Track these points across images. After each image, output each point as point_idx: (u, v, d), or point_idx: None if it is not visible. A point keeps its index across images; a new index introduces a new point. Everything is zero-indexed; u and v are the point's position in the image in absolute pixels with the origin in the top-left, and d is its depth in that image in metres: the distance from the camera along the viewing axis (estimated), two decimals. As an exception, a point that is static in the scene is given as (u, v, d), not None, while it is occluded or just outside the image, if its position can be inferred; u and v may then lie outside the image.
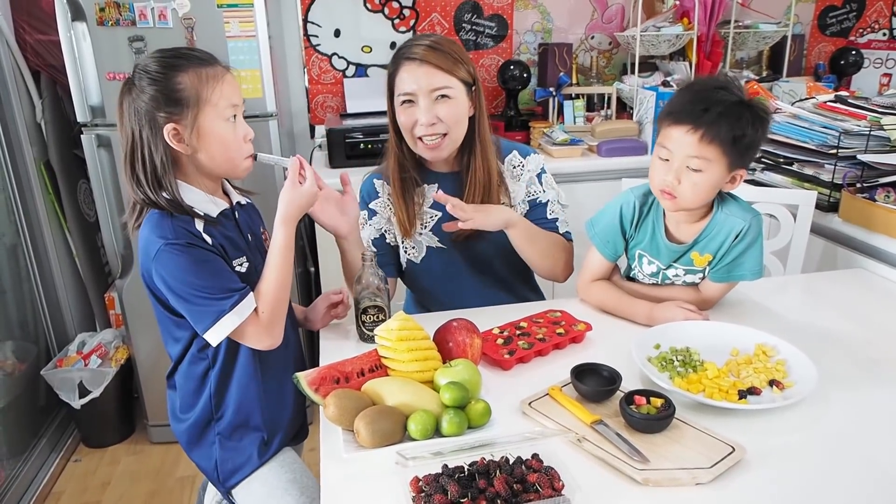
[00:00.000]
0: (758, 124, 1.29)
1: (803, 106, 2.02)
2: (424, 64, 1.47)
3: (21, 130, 2.46)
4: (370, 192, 1.67)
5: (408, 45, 1.52)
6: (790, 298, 1.67)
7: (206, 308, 1.18)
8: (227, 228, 1.29)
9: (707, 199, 1.37)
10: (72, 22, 2.10)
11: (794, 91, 2.73)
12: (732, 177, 1.34)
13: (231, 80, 1.26)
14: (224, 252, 1.25)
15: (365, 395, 1.11)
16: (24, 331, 2.54)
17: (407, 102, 1.50)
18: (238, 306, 1.20)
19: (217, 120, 1.22)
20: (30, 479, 2.36)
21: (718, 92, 1.29)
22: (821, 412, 1.14)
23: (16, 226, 2.49)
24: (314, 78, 2.97)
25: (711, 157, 1.29)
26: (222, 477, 1.34)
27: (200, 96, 1.20)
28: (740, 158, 1.31)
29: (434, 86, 1.48)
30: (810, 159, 1.95)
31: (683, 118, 1.30)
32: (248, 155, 1.29)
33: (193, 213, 1.23)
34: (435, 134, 1.51)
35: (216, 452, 1.33)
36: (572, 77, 2.95)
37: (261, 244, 1.40)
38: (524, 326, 1.40)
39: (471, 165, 1.59)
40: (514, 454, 1.00)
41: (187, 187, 1.27)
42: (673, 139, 1.32)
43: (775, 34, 2.95)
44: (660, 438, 1.05)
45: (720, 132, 1.27)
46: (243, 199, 1.42)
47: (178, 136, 1.21)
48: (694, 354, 1.27)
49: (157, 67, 1.21)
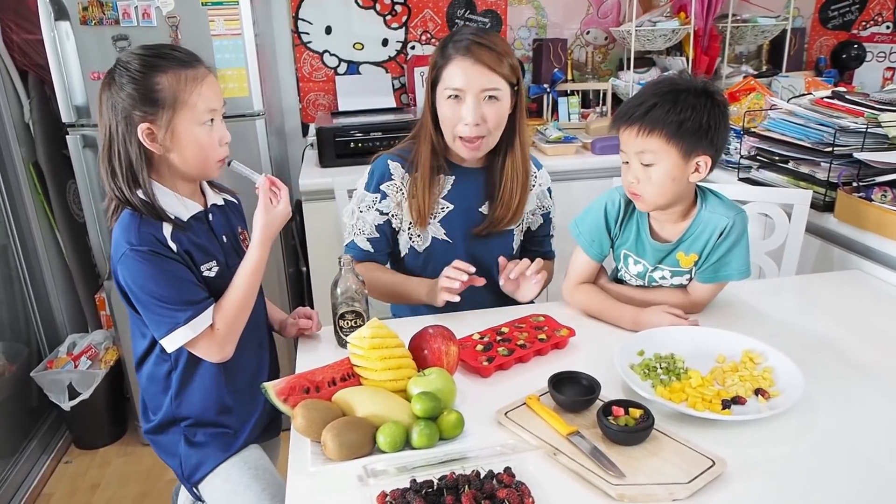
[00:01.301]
0: (701, 107, 1.27)
1: (799, 102, 1.97)
2: (478, 63, 1.44)
3: (9, 130, 2.44)
4: (383, 173, 1.59)
5: (461, 38, 1.47)
6: (783, 301, 1.63)
7: (163, 317, 1.19)
8: (198, 233, 1.28)
9: (672, 192, 1.34)
10: (55, 21, 2.07)
11: (794, 86, 2.68)
12: (695, 165, 1.31)
13: (212, 82, 1.24)
14: (190, 259, 1.25)
15: (335, 405, 1.08)
16: (14, 332, 2.52)
17: (454, 98, 1.47)
18: (193, 321, 1.20)
19: (192, 124, 1.21)
20: (20, 480, 2.35)
21: (655, 86, 1.31)
22: (808, 423, 1.10)
23: (5, 227, 2.47)
24: (305, 76, 2.93)
25: (656, 149, 1.29)
26: (186, 473, 1.35)
27: (178, 98, 1.19)
28: (693, 144, 1.28)
29: (484, 86, 1.45)
30: (806, 157, 1.91)
31: (622, 118, 1.32)
32: (222, 157, 1.27)
33: (164, 215, 1.22)
34: (476, 136, 1.48)
35: (181, 450, 1.34)
36: (567, 73, 2.91)
37: (238, 245, 1.39)
38: (505, 332, 1.37)
39: (505, 165, 1.56)
40: (486, 468, 0.97)
41: (161, 188, 1.26)
42: (622, 141, 1.34)
43: (774, 28, 2.89)
44: (638, 451, 1.02)
45: (656, 122, 1.27)
46: (221, 199, 1.40)
47: (151, 136, 1.20)
48: (678, 361, 1.24)
49: (138, 65, 1.20)
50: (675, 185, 1.32)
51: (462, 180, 1.59)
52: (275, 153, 2.50)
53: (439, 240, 1.61)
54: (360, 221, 1.61)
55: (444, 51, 1.49)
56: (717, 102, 1.28)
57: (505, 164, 1.57)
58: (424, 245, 1.62)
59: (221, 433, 1.35)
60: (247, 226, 1.45)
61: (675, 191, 1.33)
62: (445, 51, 1.48)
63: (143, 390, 1.38)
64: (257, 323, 1.40)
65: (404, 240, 1.63)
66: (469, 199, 1.60)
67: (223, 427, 1.35)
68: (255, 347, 1.38)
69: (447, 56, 1.47)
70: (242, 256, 1.35)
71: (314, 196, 2.38)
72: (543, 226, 1.71)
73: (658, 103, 1.27)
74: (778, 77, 2.81)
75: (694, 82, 1.30)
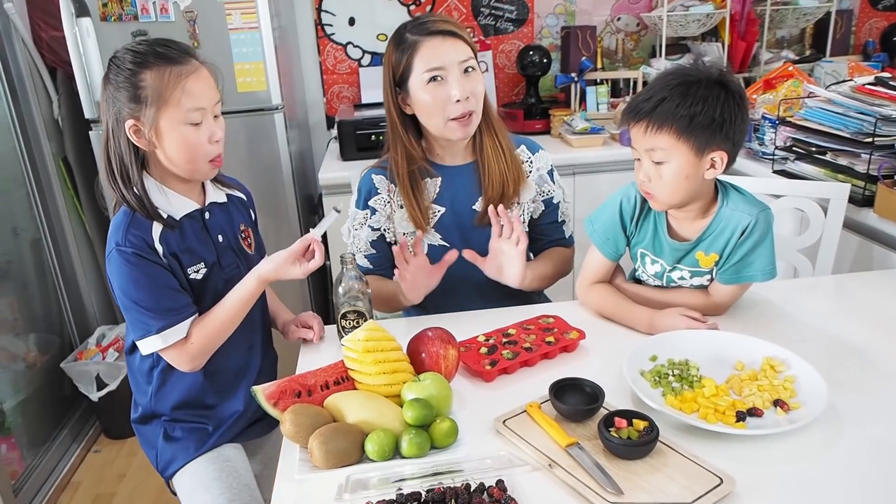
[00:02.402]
0: (714, 99, 1.18)
1: (839, 89, 1.85)
2: (450, 37, 1.41)
3: (39, 126, 2.48)
4: (370, 189, 1.57)
5: (419, 25, 1.44)
6: (815, 302, 1.53)
7: (138, 322, 1.20)
8: (189, 233, 1.27)
9: (686, 190, 1.26)
10: (76, 18, 2.09)
11: (838, 72, 2.55)
12: (710, 161, 1.23)
13: (202, 78, 1.21)
14: (178, 261, 1.24)
15: (325, 410, 1.05)
16: (47, 323, 2.57)
17: (433, 81, 1.41)
18: (165, 332, 1.21)
19: (176, 122, 1.18)
20: (50, 468, 2.40)
21: (665, 78, 1.22)
22: (830, 439, 1.01)
23: (36, 221, 2.52)
24: (329, 68, 2.91)
25: (666, 146, 1.21)
26: (160, 467, 1.36)
27: (162, 96, 1.17)
28: (706, 140, 1.20)
29: (461, 58, 1.42)
30: (845, 148, 1.80)
31: (630, 115, 1.25)
32: (212, 157, 1.24)
33: (155, 214, 1.22)
34: (466, 111, 1.43)
35: (159, 443, 1.35)
36: (596, 61, 2.82)
37: (237, 244, 1.37)
38: (512, 334, 1.32)
39: (485, 145, 1.51)
40: (478, 480, 0.93)
41: (155, 186, 1.25)
42: (632, 138, 1.27)
43: (818, 10, 2.75)
44: (640, 466, 0.96)
45: (665, 117, 1.19)
46: (224, 195, 1.38)
47: (138, 133, 1.19)
48: (692, 368, 1.17)
49: (126, 61, 1.19)
50: (689, 183, 1.24)
51: (450, 180, 1.54)
52: (295, 147, 2.49)
53: (436, 246, 1.56)
54: (355, 240, 1.59)
55: (404, 44, 1.44)
56: (732, 92, 1.20)
57: (484, 144, 1.52)
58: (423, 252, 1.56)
59: (197, 429, 1.35)
60: (252, 222, 1.44)
61: (690, 189, 1.26)
62: (405, 43, 1.43)
63: (130, 381, 1.40)
64: (251, 327, 1.38)
65: None
66: (461, 198, 1.54)
67: (200, 423, 1.35)
68: (243, 350, 1.37)
69: (412, 44, 1.42)
70: (240, 256, 1.35)
71: (335, 189, 2.37)
72: (548, 213, 1.62)
73: (667, 97, 1.19)
74: (821, 62, 2.67)
75: (706, 71, 1.21)
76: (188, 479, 1.32)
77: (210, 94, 1.21)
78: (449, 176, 1.54)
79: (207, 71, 1.23)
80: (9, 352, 2.35)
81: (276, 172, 2.33)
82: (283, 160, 2.30)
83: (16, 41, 2.37)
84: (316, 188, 2.84)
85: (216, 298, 1.30)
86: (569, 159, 2.44)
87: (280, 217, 2.44)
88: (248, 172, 2.30)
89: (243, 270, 1.34)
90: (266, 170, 2.31)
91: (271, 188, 2.36)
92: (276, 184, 2.36)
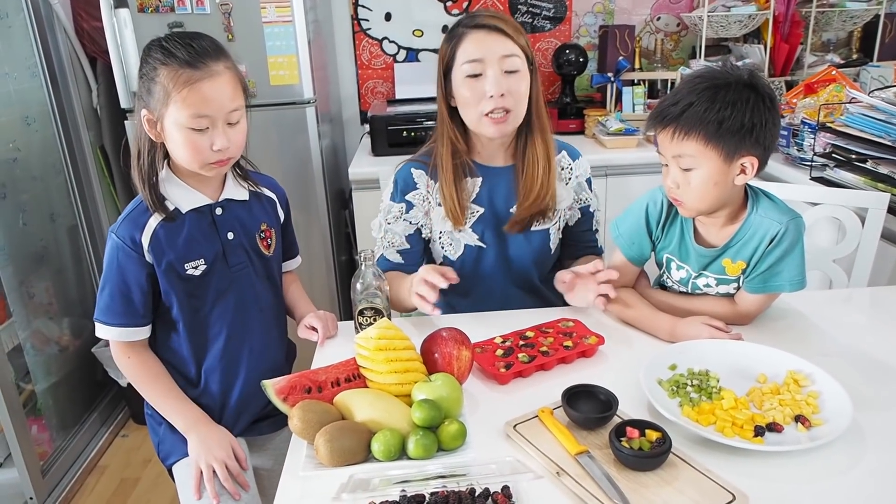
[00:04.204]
0: (743, 103, 1.14)
1: (882, 95, 1.79)
2: (493, 32, 1.39)
3: (78, 115, 2.53)
4: (407, 183, 1.53)
5: (470, 17, 1.43)
6: (848, 315, 1.47)
7: (98, 303, 1.27)
8: (192, 227, 1.27)
9: (715, 197, 1.22)
10: (115, 9, 2.13)
11: (885, 77, 2.46)
12: (740, 167, 1.19)
13: (216, 87, 1.17)
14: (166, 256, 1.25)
15: (334, 407, 1.04)
16: (81, 308, 2.63)
17: (472, 77, 1.40)
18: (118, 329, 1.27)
19: (177, 126, 1.18)
20: (79, 450, 2.46)
21: (692, 82, 1.18)
22: (852, 459, 0.97)
23: (73, 208, 2.58)
24: (364, 63, 2.91)
25: (694, 152, 1.17)
26: (161, 455, 1.38)
27: (169, 96, 1.16)
28: (736, 145, 1.16)
29: (502, 53, 1.39)
30: (886, 156, 1.73)
31: (657, 119, 1.21)
32: (212, 161, 1.22)
33: (159, 205, 1.24)
34: (501, 108, 1.41)
35: (161, 432, 1.37)
36: (634, 61, 2.77)
37: (252, 243, 1.35)
38: (529, 336, 1.30)
39: (527, 151, 1.49)
40: (483, 485, 0.91)
41: (170, 176, 1.27)
42: (659, 143, 1.23)
43: (865, 13, 2.65)
44: (650, 478, 0.93)
45: (692, 123, 1.15)
46: (246, 193, 1.36)
47: (151, 123, 1.21)
48: (712, 379, 1.14)
49: (153, 52, 1.20)
50: (719, 189, 1.20)
51: (490, 182, 1.51)
52: (326, 142, 2.50)
53: (472, 246, 1.54)
54: (388, 234, 1.55)
55: (452, 34, 1.43)
56: (762, 95, 1.16)
57: (526, 150, 1.49)
58: (458, 253, 1.55)
59: None
60: (278, 223, 1.42)
61: (719, 195, 1.22)
62: (453, 33, 1.43)
63: None
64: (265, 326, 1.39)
65: (437, 249, 1.58)
66: (499, 200, 1.52)
67: None
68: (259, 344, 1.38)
69: (458, 36, 1.42)
70: (254, 256, 1.35)
71: (365, 185, 2.37)
72: (583, 220, 1.61)
73: (694, 102, 1.15)
74: (867, 67, 2.58)
75: (735, 73, 1.17)
76: (185, 469, 1.32)
77: (221, 103, 1.18)
78: (489, 177, 1.52)
79: (228, 77, 1.19)
80: (43, 335, 2.41)
81: (307, 166, 2.34)
82: (314, 154, 2.31)
83: (58, 31, 2.42)
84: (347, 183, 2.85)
85: (219, 298, 1.31)
86: (602, 160, 2.40)
87: (310, 211, 2.45)
88: (278, 165, 2.32)
89: (255, 272, 1.35)
90: (297, 163, 2.33)
91: (301, 182, 2.37)
92: (306, 177, 2.37)
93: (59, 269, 2.50)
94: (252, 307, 1.36)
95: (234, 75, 1.21)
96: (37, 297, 2.38)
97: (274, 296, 1.42)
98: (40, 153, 2.42)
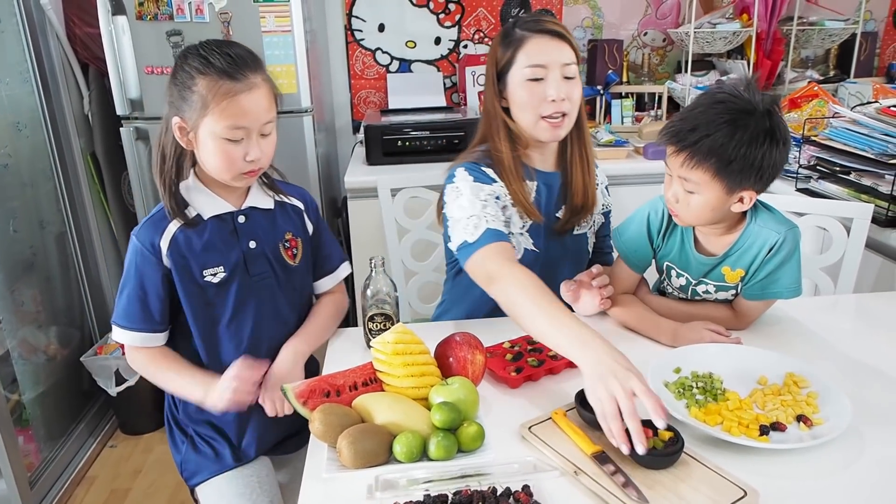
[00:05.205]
0: (758, 145, 1.16)
1: (864, 111, 1.86)
2: (556, 38, 1.42)
3: (69, 121, 2.52)
4: (486, 174, 1.46)
5: (531, 21, 1.45)
6: (837, 320, 1.54)
7: (117, 305, 1.27)
8: (213, 234, 1.26)
9: (711, 219, 1.28)
10: (112, 16, 2.13)
11: (862, 93, 2.55)
12: (739, 198, 1.23)
13: (253, 99, 1.17)
14: (186, 262, 1.25)
15: (354, 411, 1.06)
16: (68, 317, 2.60)
17: (533, 80, 1.42)
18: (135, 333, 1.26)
19: (212, 136, 1.18)
20: (67, 461, 2.42)
21: (713, 107, 1.19)
22: (853, 455, 1.02)
23: (62, 215, 2.55)
24: (357, 73, 2.94)
25: (700, 181, 1.21)
26: (184, 475, 1.37)
27: (207, 106, 1.16)
28: (740, 181, 1.20)
29: (564, 61, 1.42)
30: (869, 169, 1.80)
31: (670, 137, 1.22)
32: (244, 172, 1.22)
33: (179, 212, 1.24)
34: (559, 112, 1.43)
35: (184, 451, 1.37)
36: (622, 75, 2.83)
37: (275, 252, 1.33)
38: (537, 342, 1.33)
39: (573, 156, 1.52)
40: (504, 484, 0.94)
41: (196, 182, 1.27)
42: (668, 156, 1.25)
43: (843, 32, 2.75)
44: (664, 475, 0.97)
45: (705, 155, 1.17)
46: (272, 201, 1.34)
47: (182, 131, 1.21)
48: (716, 381, 1.18)
49: (190, 60, 1.18)
50: (715, 213, 1.26)
51: (542, 185, 1.53)
52: (322, 150, 2.52)
53: (530, 250, 1.53)
54: (488, 207, 1.41)
55: (510, 37, 1.44)
56: (778, 140, 1.18)
57: (573, 154, 1.53)
58: (518, 257, 1.50)
59: (224, 445, 1.35)
60: (304, 233, 1.39)
61: (714, 217, 1.27)
62: (511, 37, 1.44)
63: None
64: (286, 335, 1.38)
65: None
66: (550, 205, 1.54)
67: (226, 440, 1.36)
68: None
69: (520, 38, 1.43)
70: (277, 266, 1.32)
71: (360, 194, 2.38)
72: (605, 225, 1.67)
73: (711, 134, 1.16)
74: (845, 83, 2.68)
75: (756, 109, 1.17)
76: (211, 491, 1.32)
77: (257, 115, 1.18)
78: (541, 181, 1.53)
79: (266, 90, 1.20)
80: (30, 344, 2.38)
81: (304, 174, 2.35)
82: (310, 162, 2.33)
83: (50, 36, 2.41)
84: (340, 191, 2.87)
85: (240, 307, 1.29)
86: (591, 171, 2.45)
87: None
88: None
89: (279, 283, 1.32)
90: (293, 171, 2.33)
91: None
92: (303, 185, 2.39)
93: (47, 278, 2.48)
94: (273, 320, 1.34)
95: (270, 87, 1.22)
96: (24, 306, 2.35)
97: (298, 310, 1.39)
98: (30, 159, 2.40)
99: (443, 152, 2.46)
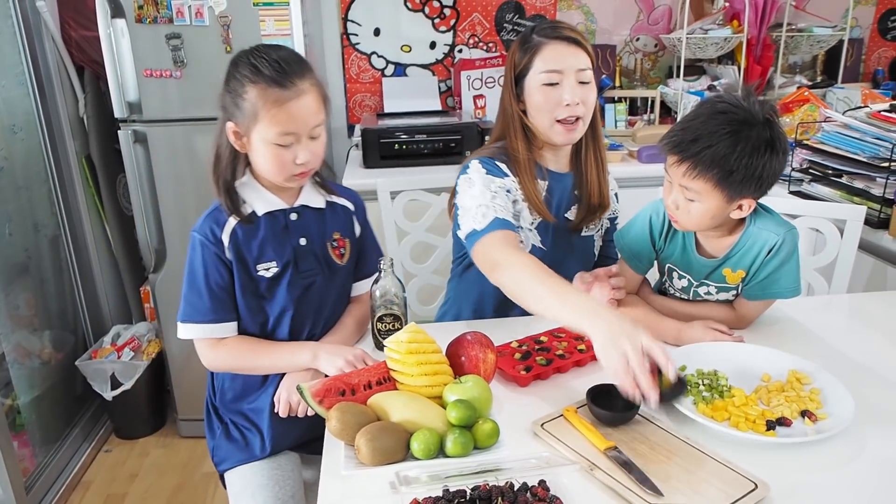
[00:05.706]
0: (759, 156, 1.19)
1: (855, 115, 1.91)
2: (572, 44, 1.46)
3: (64, 124, 2.51)
4: (499, 168, 1.50)
5: (548, 28, 1.48)
6: (833, 319, 1.57)
7: (187, 305, 1.28)
8: (266, 230, 1.31)
9: (711, 225, 1.31)
10: (111, 19, 2.13)
11: (849, 98, 2.60)
12: (738, 205, 1.26)
13: (300, 105, 1.21)
14: (244, 256, 1.29)
15: (369, 409, 1.08)
16: (62, 321, 2.59)
17: (549, 85, 1.45)
18: (205, 326, 1.28)
19: (264, 141, 1.22)
20: (62, 466, 2.41)
21: (716, 118, 1.20)
22: (856, 448, 1.05)
23: (57, 218, 2.54)
24: (353, 76, 2.95)
25: (700, 190, 1.23)
26: (215, 460, 1.41)
27: (258, 114, 1.20)
28: (741, 190, 1.23)
29: (580, 66, 1.46)
30: (861, 172, 1.85)
31: (672, 146, 1.25)
32: (296, 174, 1.26)
33: (235, 208, 1.28)
34: (574, 116, 1.46)
35: (217, 438, 1.40)
36: (615, 80, 2.87)
37: (323, 251, 1.37)
38: (544, 341, 1.35)
39: (587, 158, 1.56)
40: (521, 480, 0.96)
41: (250, 180, 1.32)
42: (668, 164, 1.28)
43: (830, 38, 2.81)
44: (677, 469, 0.99)
45: (706, 166, 1.20)
46: (324, 201, 1.38)
47: (237, 135, 1.25)
48: (721, 379, 1.20)
49: (242, 68, 1.22)
50: (714, 220, 1.29)
51: (559, 186, 1.57)
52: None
53: (537, 247, 1.57)
54: (498, 198, 1.45)
55: (528, 43, 1.48)
56: (778, 150, 1.20)
57: (588, 155, 1.56)
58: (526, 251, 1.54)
59: (252, 434, 1.39)
60: (352, 233, 1.43)
61: (713, 223, 1.30)
62: (529, 43, 1.48)
63: None
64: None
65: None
66: (560, 205, 1.58)
67: (255, 430, 1.38)
68: None
69: (537, 44, 1.46)
70: (324, 264, 1.36)
71: (356, 197, 2.39)
72: (610, 230, 1.70)
73: (713, 145, 1.19)
74: (833, 88, 2.73)
75: (757, 120, 1.19)
76: (238, 478, 1.36)
77: (306, 120, 1.22)
78: (553, 181, 1.57)
79: (314, 95, 1.23)
80: (24, 348, 2.37)
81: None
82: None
83: (46, 39, 2.40)
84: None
85: (290, 301, 1.33)
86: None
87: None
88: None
89: (326, 279, 1.37)
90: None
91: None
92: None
93: (41, 281, 2.47)
94: (315, 317, 1.39)
95: (318, 92, 1.25)
96: (18, 310, 2.34)
97: (337, 309, 1.44)
98: (25, 162, 2.39)
99: (439, 156, 2.49)
